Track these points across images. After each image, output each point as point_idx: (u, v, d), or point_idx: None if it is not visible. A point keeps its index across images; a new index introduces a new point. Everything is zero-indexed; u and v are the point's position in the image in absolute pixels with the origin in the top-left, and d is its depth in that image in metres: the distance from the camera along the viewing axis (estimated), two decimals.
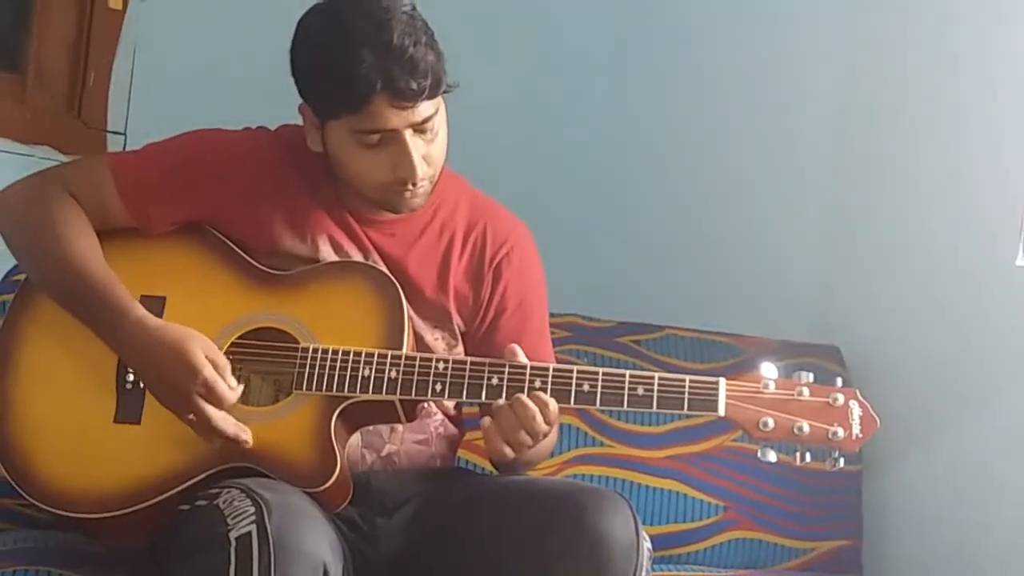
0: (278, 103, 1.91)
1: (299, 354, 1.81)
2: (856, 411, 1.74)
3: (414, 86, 1.77)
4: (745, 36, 3.03)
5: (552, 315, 2.07)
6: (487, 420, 1.77)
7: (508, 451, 1.77)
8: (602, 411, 2.37)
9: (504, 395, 1.77)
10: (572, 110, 3.13)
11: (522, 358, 1.79)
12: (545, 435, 1.78)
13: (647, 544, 1.78)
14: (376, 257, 1.92)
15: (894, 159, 2.66)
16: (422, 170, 1.83)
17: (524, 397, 1.75)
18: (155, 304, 1.84)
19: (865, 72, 2.75)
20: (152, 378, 1.79)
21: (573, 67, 3.12)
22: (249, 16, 2.64)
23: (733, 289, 2.89)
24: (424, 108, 1.80)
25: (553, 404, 1.76)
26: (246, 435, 1.76)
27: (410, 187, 1.84)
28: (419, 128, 1.82)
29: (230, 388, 1.76)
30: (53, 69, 2.69)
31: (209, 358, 1.76)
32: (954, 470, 2.45)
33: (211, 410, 1.75)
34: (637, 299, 2.83)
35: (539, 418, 1.74)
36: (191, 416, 1.76)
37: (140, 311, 1.81)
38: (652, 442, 2.41)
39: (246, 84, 2.08)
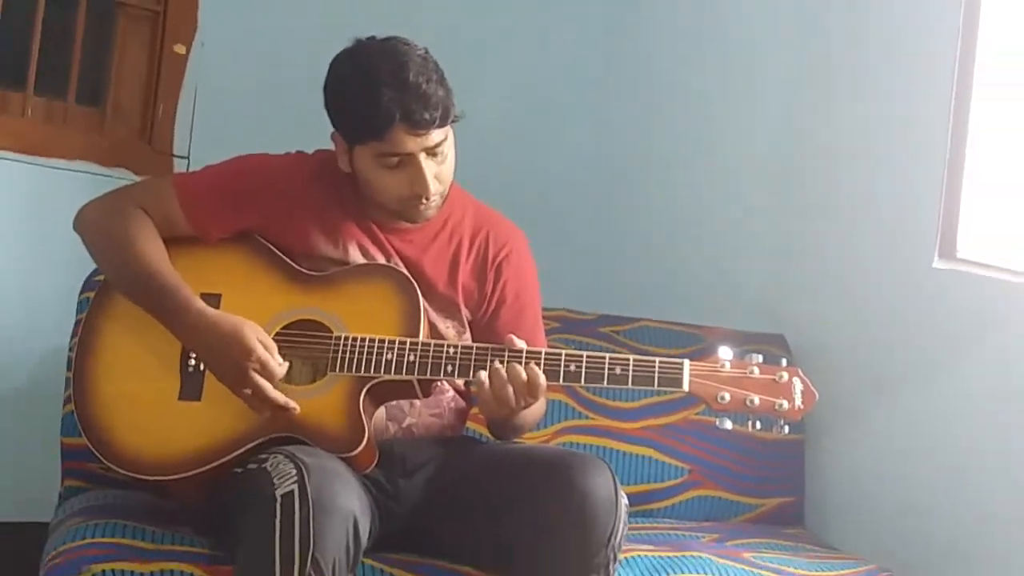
0: (314, 132, 1.91)
1: (333, 342, 1.81)
2: (798, 387, 1.75)
3: (427, 117, 1.77)
4: (707, 69, 3.01)
5: (545, 309, 2.07)
6: (482, 373, 1.76)
7: (495, 407, 1.77)
8: (586, 389, 2.37)
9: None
10: (560, 143, 3.11)
11: (519, 344, 1.79)
12: (529, 405, 1.78)
13: (624, 501, 1.78)
14: (396, 260, 1.92)
15: (830, 177, 2.64)
16: (434, 187, 1.84)
17: (518, 366, 1.75)
18: (212, 300, 1.84)
19: (805, 103, 2.73)
20: (212, 359, 1.79)
21: (560, 110, 3.11)
22: (290, 59, 2.64)
23: (696, 288, 2.88)
24: (436, 135, 1.81)
25: (540, 378, 1.75)
26: (293, 404, 1.76)
27: (424, 201, 1.85)
28: (431, 152, 1.82)
29: (278, 364, 1.77)
30: (128, 104, 2.69)
31: (260, 341, 1.77)
32: (880, 437, 2.43)
33: (264, 383, 1.75)
34: (615, 296, 2.83)
35: (521, 386, 1.74)
36: (247, 390, 1.76)
37: (200, 305, 1.81)
38: (628, 415, 2.40)
39: (287, 116, 2.08)
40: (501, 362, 1.76)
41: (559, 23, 3.10)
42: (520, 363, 1.76)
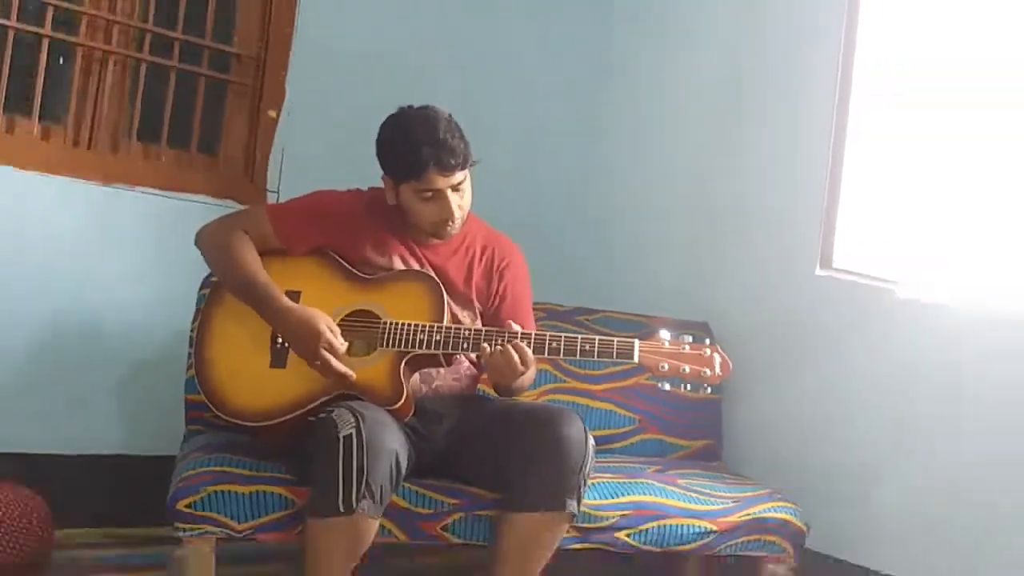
0: (368, 175, 1.91)
1: (381, 326, 1.81)
2: (718, 359, 1.75)
3: (453, 162, 1.78)
4: (646, 109, 2.91)
5: (535, 302, 2.06)
6: (486, 347, 1.75)
7: (499, 374, 1.77)
8: (565, 361, 2.35)
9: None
10: (547, 189, 3.04)
11: (516, 328, 1.78)
12: (523, 373, 1.77)
13: (592, 442, 1.79)
14: (428, 267, 1.92)
15: (740, 202, 2.59)
16: (458, 214, 1.84)
17: (517, 344, 1.75)
18: (295, 296, 1.84)
19: (721, 133, 2.64)
20: (293, 340, 1.79)
21: (546, 161, 3.06)
22: (351, 120, 2.61)
23: (644, 287, 2.84)
24: (459, 175, 1.81)
25: (529, 353, 1.75)
26: (351, 373, 1.76)
27: (450, 223, 1.85)
28: (456, 188, 1.83)
29: (340, 343, 1.77)
30: (235, 153, 2.68)
31: (328, 326, 1.77)
32: (776, 398, 2.42)
33: (330, 357, 1.75)
34: (587, 293, 2.81)
35: (516, 359, 1.74)
36: (317, 362, 1.76)
37: (285, 300, 1.81)
38: (595, 380, 2.39)
39: (350, 162, 2.07)
40: (502, 342, 1.76)
41: (546, 95, 3.08)
42: (516, 341, 1.76)
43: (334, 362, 1.75)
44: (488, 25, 2.96)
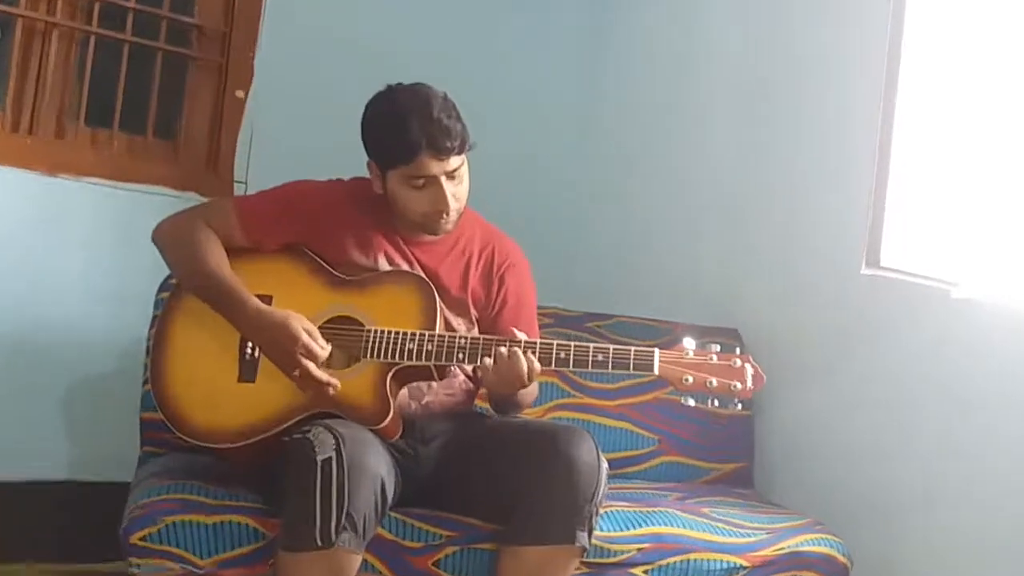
0: (350, 162, 1.91)
1: (365, 334, 1.81)
2: (750, 371, 1.75)
3: (448, 145, 1.78)
4: (672, 108, 2.93)
5: (540, 308, 2.06)
6: (488, 361, 1.76)
7: (498, 387, 1.77)
8: (574, 373, 2.35)
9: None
10: (555, 177, 3.08)
11: (519, 336, 1.78)
12: (527, 385, 1.77)
13: (605, 465, 1.79)
14: (418, 267, 1.91)
15: (774, 194, 2.60)
16: (452, 204, 1.84)
17: (518, 351, 1.75)
18: (265, 300, 1.84)
19: (759, 102, 2.66)
20: (267, 347, 1.79)
21: (553, 150, 3.09)
22: (329, 101, 2.63)
23: (666, 289, 2.85)
24: (454, 161, 1.81)
25: (535, 364, 1.75)
26: (335, 382, 1.76)
27: (444, 216, 1.85)
28: (451, 175, 1.82)
29: (321, 348, 1.77)
30: (197, 138, 2.69)
31: (306, 329, 1.77)
32: (816, 414, 2.42)
33: (309, 364, 1.75)
34: (599, 297, 2.82)
35: (524, 367, 1.74)
36: (296, 372, 1.75)
37: (256, 302, 1.81)
38: (608, 395, 2.39)
39: (328, 149, 2.08)
40: (504, 349, 1.76)
41: (547, 84, 3.09)
42: (519, 351, 1.75)
43: (315, 370, 1.75)
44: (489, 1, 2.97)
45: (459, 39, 2.90)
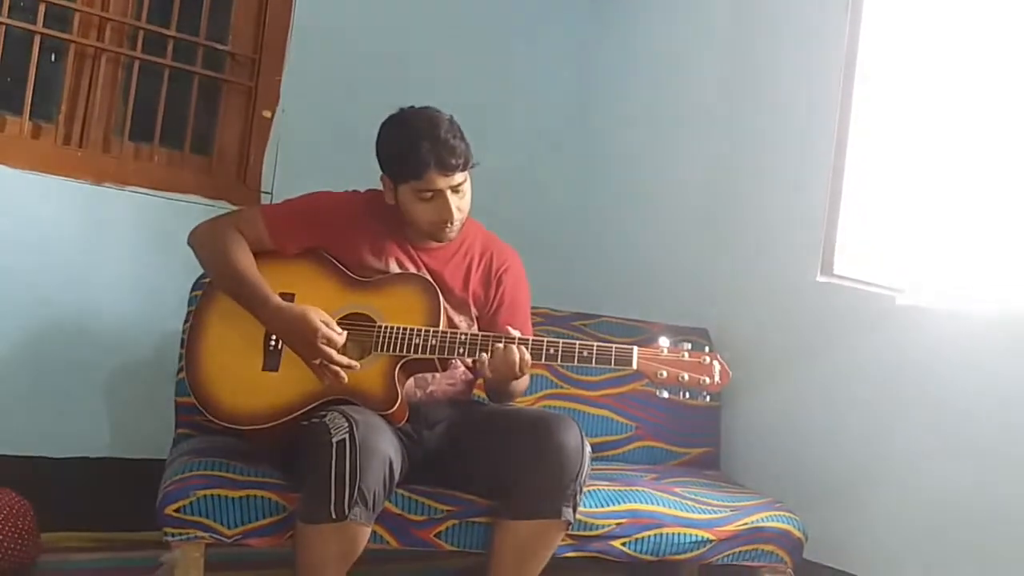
0: (365, 176, 1.91)
1: (376, 329, 1.80)
2: (717, 367, 1.75)
3: (454, 162, 1.78)
4: (641, 122, 2.92)
5: (533, 308, 2.06)
6: (485, 355, 1.75)
7: (489, 374, 1.76)
8: (562, 366, 2.35)
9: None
10: (546, 191, 3.08)
11: (514, 333, 1.78)
12: (520, 376, 1.77)
13: (589, 449, 1.78)
14: (424, 271, 1.91)
15: (741, 210, 2.59)
16: (457, 215, 1.84)
17: (512, 346, 1.75)
18: (288, 297, 1.84)
19: (726, 136, 2.65)
20: (290, 338, 1.78)
21: (545, 167, 3.08)
22: (347, 121, 2.64)
23: (644, 293, 2.84)
24: (459, 176, 1.81)
25: (527, 357, 1.75)
26: (355, 363, 1.75)
27: (449, 225, 1.85)
28: (455, 189, 1.82)
29: (338, 334, 1.76)
30: (229, 153, 2.68)
31: (324, 321, 1.76)
32: (775, 405, 2.42)
33: (330, 351, 1.74)
34: (585, 299, 2.81)
35: (517, 358, 1.73)
36: (316, 360, 1.74)
37: (279, 300, 1.80)
38: (592, 387, 2.39)
39: (346, 163, 2.07)
40: (501, 345, 1.76)
41: (544, 102, 3.09)
42: (513, 346, 1.75)
43: (335, 354, 1.75)
44: (489, 29, 2.97)
45: (464, 62, 2.90)
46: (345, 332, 1.77)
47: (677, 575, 2.33)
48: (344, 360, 1.75)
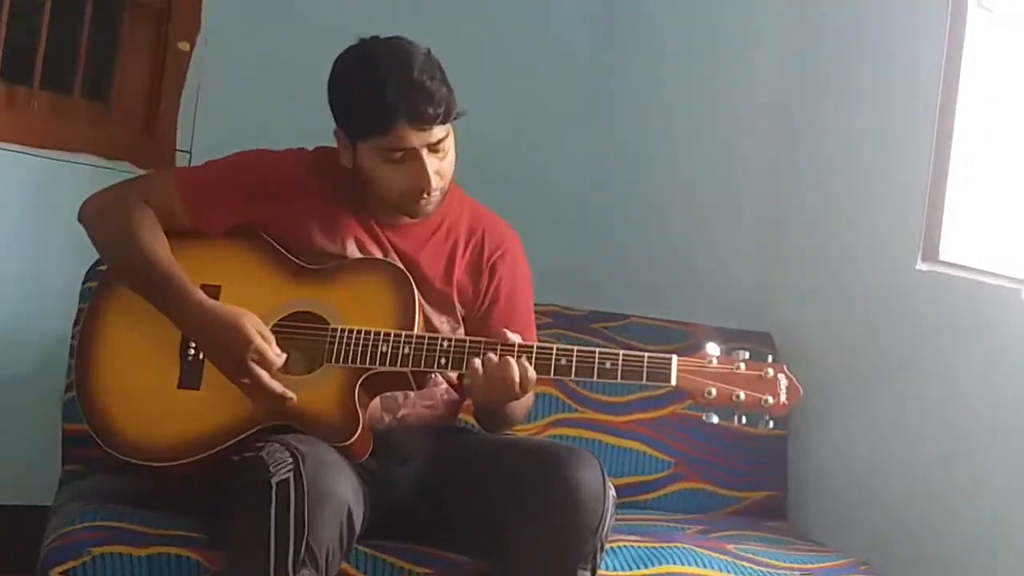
0: (316, 129, 1.90)
1: (329, 333, 1.80)
2: (783, 382, 1.74)
3: (431, 112, 1.77)
4: (699, 71, 2.98)
5: (537, 304, 2.06)
6: (475, 365, 1.75)
7: (480, 394, 1.77)
8: (577, 384, 2.36)
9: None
10: (554, 143, 3.11)
11: (513, 338, 1.78)
12: (519, 396, 1.77)
13: (612, 492, 1.78)
14: (393, 255, 1.91)
15: (817, 178, 2.62)
16: (435, 182, 1.83)
17: (510, 356, 1.75)
18: (212, 292, 1.83)
19: (795, 105, 2.71)
20: (211, 349, 1.79)
21: (555, 119, 3.12)
22: (293, 57, 2.64)
23: (685, 285, 2.86)
24: (438, 131, 1.80)
25: (530, 371, 1.75)
26: (290, 394, 1.76)
27: (425, 196, 1.85)
28: (433, 148, 1.82)
29: (276, 355, 1.76)
30: (132, 99, 2.68)
31: (258, 331, 1.76)
32: (862, 434, 2.43)
33: (262, 373, 1.75)
34: (607, 293, 2.82)
35: (515, 375, 1.73)
36: (244, 380, 1.76)
37: (200, 295, 1.80)
38: (617, 409, 2.40)
39: (290, 113, 2.08)
40: (495, 354, 1.76)
41: (556, 25, 3.10)
42: (512, 356, 1.75)
43: (267, 379, 1.75)
44: None
45: None
46: (283, 355, 1.78)
47: None
48: (278, 388, 1.75)
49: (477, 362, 1.75)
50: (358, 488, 1.73)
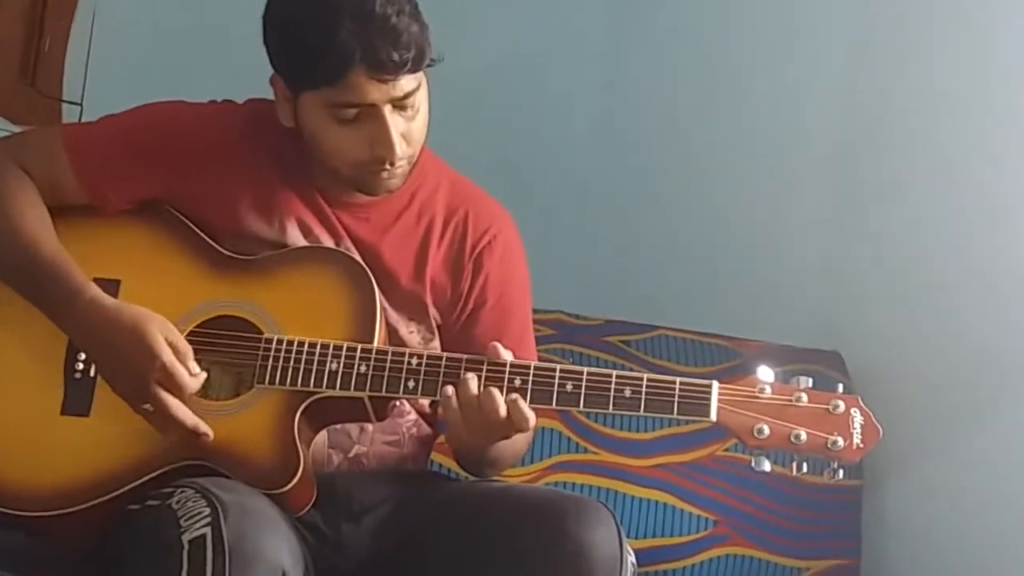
0: (247, 75, 1.90)
1: (262, 345, 1.80)
2: (858, 419, 1.74)
3: (395, 58, 1.76)
4: (748, 33, 3.05)
5: (536, 311, 2.06)
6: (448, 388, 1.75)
7: (467, 435, 1.76)
8: (586, 416, 2.38)
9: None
10: (562, 98, 3.14)
11: (504, 355, 1.78)
12: (512, 434, 1.77)
13: (631, 558, 1.78)
14: (348, 243, 1.92)
15: (899, 161, 2.66)
16: (401, 148, 1.82)
17: (493, 388, 1.73)
18: (109, 287, 1.83)
19: (866, 73, 2.76)
20: (106, 362, 1.78)
21: (565, 54, 3.15)
22: None
23: (731, 289, 2.90)
24: (405, 82, 1.79)
25: (521, 403, 1.73)
26: (205, 428, 1.75)
27: (388, 166, 1.84)
28: (399, 104, 1.81)
29: (191, 375, 1.76)
30: (5, 34, 2.68)
31: (169, 342, 1.76)
32: (961, 486, 2.46)
33: (169, 399, 1.74)
34: (628, 296, 2.83)
35: (502, 408, 1.72)
36: (147, 405, 1.75)
37: (95, 291, 1.80)
38: (639, 449, 2.41)
39: (214, 53, 2.07)
40: (478, 377, 1.75)
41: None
42: (502, 382, 1.75)
43: (174, 409, 1.74)
44: None
45: None
46: (201, 374, 1.78)
47: None
48: (190, 419, 1.74)
49: (450, 389, 1.75)
50: (296, 548, 1.73)
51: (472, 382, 1.74)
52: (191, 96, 1.96)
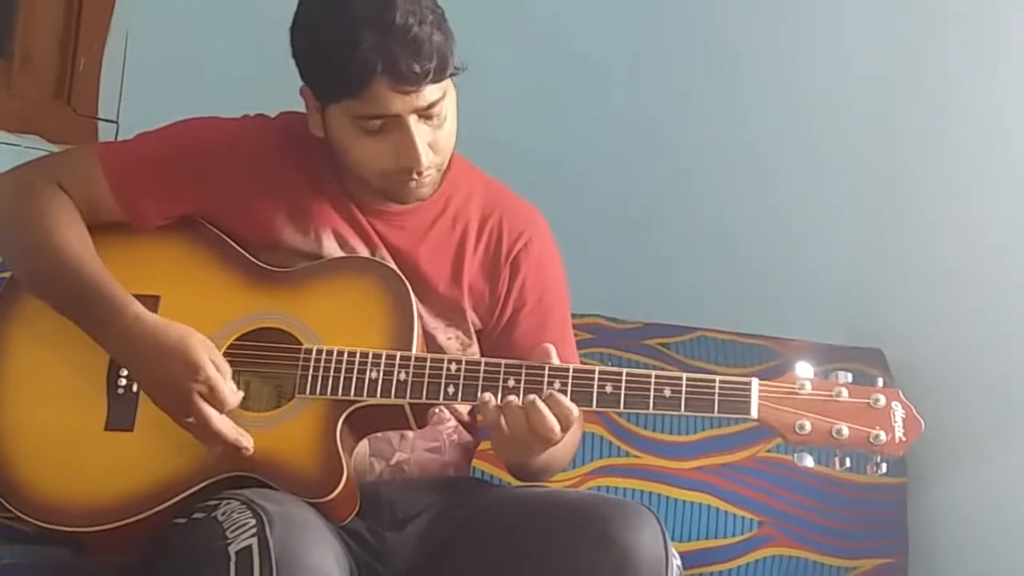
0: (280, 89, 1.91)
1: (302, 356, 1.81)
2: (899, 413, 1.73)
3: (417, 69, 1.77)
4: (775, 31, 3.03)
5: (573, 316, 2.07)
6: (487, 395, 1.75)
7: (515, 450, 1.78)
8: (627, 419, 2.37)
9: (520, 397, 1.75)
10: (594, 97, 3.14)
11: (555, 359, 1.78)
12: (559, 441, 1.77)
13: (676, 561, 1.77)
14: (384, 252, 1.92)
15: (942, 150, 2.65)
16: (427, 158, 1.83)
17: (539, 402, 1.73)
18: (149, 303, 1.84)
19: (902, 68, 2.75)
20: (149, 379, 1.79)
21: (594, 58, 3.14)
22: (245, 8, 2.65)
23: (770, 288, 2.88)
24: (429, 92, 1.80)
25: (570, 408, 1.74)
26: (247, 441, 1.76)
27: (415, 176, 1.85)
28: (424, 113, 1.82)
29: (232, 392, 1.77)
30: (41, 54, 2.69)
31: (210, 357, 1.77)
32: (1009, 482, 2.43)
33: (212, 412, 1.75)
34: (666, 298, 2.83)
35: (550, 417, 1.72)
36: (190, 419, 1.76)
37: (137, 307, 1.81)
38: (681, 452, 2.41)
39: (246, 69, 2.08)
40: (517, 383, 1.76)
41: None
42: (541, 385, 1.75)
43: (216, 423, 1.75)
44: None
45: None
46: (241, 392, 1.78)
47: None
48: (231, 432, 1.75)
49: (488, 396, 1.75)
50: (342, 556, 1.73)
51: (515, 398, 1.74)
52: (225, 111, 1.97)
